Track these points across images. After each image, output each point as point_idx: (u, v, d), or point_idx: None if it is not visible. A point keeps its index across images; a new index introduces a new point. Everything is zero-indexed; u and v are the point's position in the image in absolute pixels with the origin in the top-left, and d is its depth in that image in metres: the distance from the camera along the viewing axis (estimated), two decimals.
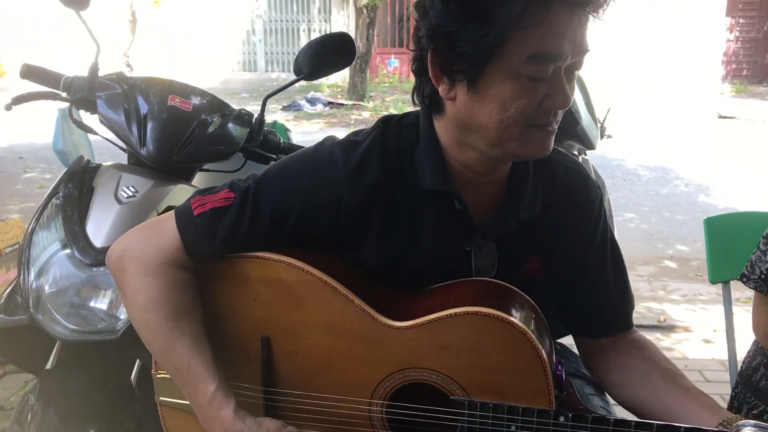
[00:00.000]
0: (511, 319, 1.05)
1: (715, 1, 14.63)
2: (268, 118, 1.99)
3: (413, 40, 1.11)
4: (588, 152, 3.07)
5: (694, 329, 3.88)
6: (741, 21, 14.95)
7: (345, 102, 12.55)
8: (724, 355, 1.94)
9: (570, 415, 1.02)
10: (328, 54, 1.83)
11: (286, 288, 1.13)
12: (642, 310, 4.13)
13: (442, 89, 1.08)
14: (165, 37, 14.07)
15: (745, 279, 1.57)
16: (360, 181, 1.13)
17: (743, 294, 3.64)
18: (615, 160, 8.18)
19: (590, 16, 1.02)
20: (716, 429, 0.99)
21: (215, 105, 1.89)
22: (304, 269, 1.12)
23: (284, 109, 12.00)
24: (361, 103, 12.56)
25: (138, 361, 1.69)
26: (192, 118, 1.80)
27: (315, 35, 16.30)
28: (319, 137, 1.25)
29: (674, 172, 7.74)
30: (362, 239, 1.16)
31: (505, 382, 1.07)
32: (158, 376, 1.23)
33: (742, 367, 1.75)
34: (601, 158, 7.92)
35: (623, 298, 1.31)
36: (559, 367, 1.08)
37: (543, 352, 1.05)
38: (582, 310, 1.28)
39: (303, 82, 2.02)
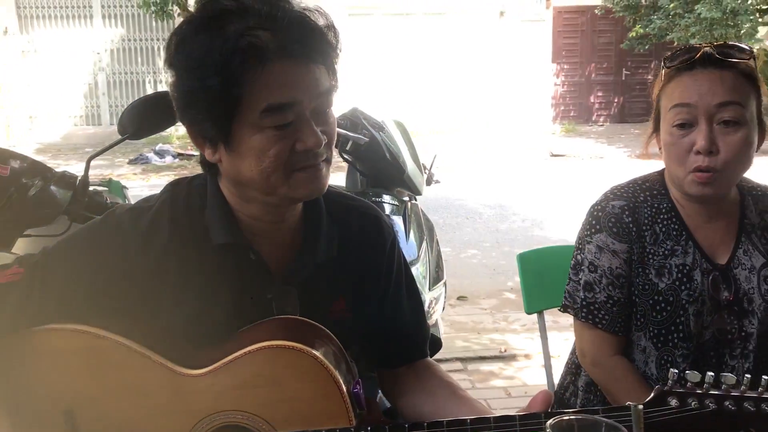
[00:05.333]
0: (300, 346, 1.11)
1: (542, 48, 15.82)
2: (113, 173, 1.98)
3: None
4: (430, 193, 3.22)
5: (533, 357, 4.12)
6: (565, 66, 16.24)
7: (195, 153, 12.33)
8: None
9: (369, 428, 1.09)
10: (151, 113, 1.85)
11: (82, 356, 1.14)
12: (485, 342, 4.34)
13: (207, 154, 1.17)
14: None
15: (568, 309, 1.70)
16: (150, 246, 1.17)
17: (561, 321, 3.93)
18: (458, 200, 8.58)
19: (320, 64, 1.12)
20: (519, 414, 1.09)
21: (36, 169, 1.86)
22: (98, 334, 1.13)
23: (131, 162, 11.62)
24: None
25: None
26: (9, 182, 1.76)
27: (162, 87, 16.00)
28: None
29: (512, 209, 8.19)
30: (160, 301, 1.19)
31: (306, 409, 1.12)
32: None
33: (556, 387, 1.92)
34: (444, 199, 8.30)
35: (419, 330, 1.42)
36: (357, 387, 1.15)
37: (336, 372, 1.11)
38: (382, 344, 1.36)
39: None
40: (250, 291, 1.22)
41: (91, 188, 1.95)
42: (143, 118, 1.84)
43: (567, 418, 0.93)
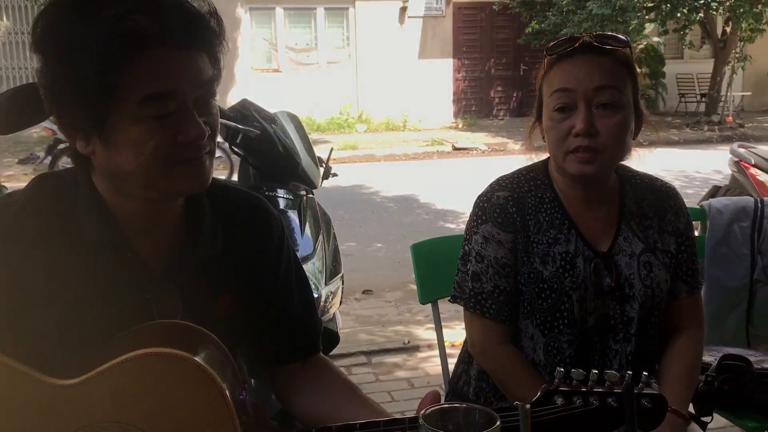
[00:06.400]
0: (181, 352, 1.05)
1: (443, 44, 16.08)
2: (1, 174, 1.84)
3: None
4: (335, 188, 3.19)
5: (436, 347, 4.17)
6: (466, 62, 16.55)
7: None
8: None
9: None
10: (20, 107, 1.74)
11: None
12: (389, 334, 4.37)
13: (80, 146, 1.09)
14: None
15: (457, 299, 1.71)
16: (13, 244, 1.09)
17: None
18: (363, 195, 8.63)
19: (203, 52, 1.08)
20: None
21: None
22: None
23: (21, 162, 10.95)
24: None
25: None
26: None
27: None
28: None
29: (417, 202, 8.31)
30: (26, 305, 1.11)
31: (187, 418, 1.06)
32: None
33: (451, 376, 1.93)
34: (350, 194, 8.32)
35: (310, 324, 1.38)
36: (243, 393, 1.11)
37: (219, 379, 1.06)
38: (272, 340, 1.32)
39: (42, 132, 1.91)
40: (128, 292, 1.15)
41: None
42: (11, 112, 1.73)
43: (439, 407, 0.93)
